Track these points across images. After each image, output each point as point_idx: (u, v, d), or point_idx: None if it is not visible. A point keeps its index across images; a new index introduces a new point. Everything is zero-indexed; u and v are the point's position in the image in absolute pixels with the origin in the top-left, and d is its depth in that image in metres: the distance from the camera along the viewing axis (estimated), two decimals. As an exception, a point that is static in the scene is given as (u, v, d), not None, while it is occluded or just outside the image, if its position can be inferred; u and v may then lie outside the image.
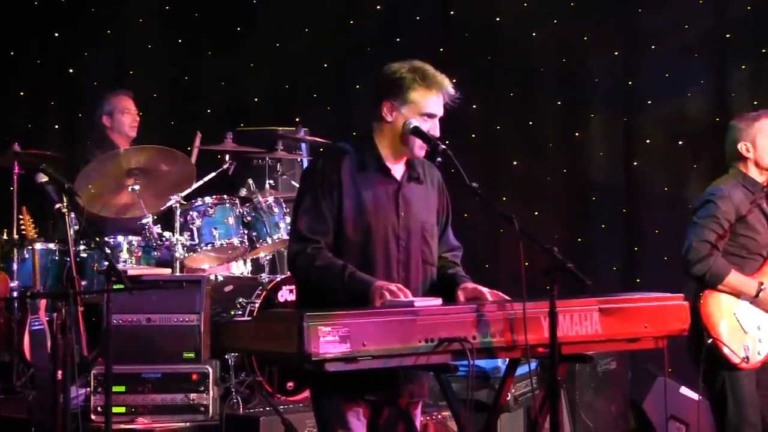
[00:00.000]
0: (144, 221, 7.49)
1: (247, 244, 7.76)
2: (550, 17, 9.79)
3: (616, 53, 9.72)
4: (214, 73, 9.73)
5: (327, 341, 4.14)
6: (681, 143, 9.60)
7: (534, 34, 9.78)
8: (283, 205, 7.80)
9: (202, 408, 6.71)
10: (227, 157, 8.14)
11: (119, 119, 8.21)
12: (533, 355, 4.59)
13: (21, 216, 7.45)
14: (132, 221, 7.67)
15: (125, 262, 7.41)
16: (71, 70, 9.66)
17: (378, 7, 9.91)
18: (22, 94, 9.59)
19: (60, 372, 5.69)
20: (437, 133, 4.75)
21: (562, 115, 9.85)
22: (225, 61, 9.73)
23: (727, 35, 9.53)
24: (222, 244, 7.65)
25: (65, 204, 6.42)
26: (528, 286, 4.45)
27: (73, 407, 5.93)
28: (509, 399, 6.76)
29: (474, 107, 9.74)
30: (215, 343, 6.84)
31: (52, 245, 7.42)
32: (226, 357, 7.04)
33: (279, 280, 7.50)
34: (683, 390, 7.94)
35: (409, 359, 4.33)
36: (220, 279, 7.70)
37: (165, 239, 7.49)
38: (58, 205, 6.68)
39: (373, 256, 4.72)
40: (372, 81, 4.91)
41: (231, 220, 7.69)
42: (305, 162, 8.75)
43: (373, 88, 4.85)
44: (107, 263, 5.83)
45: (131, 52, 9.78)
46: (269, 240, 7.80)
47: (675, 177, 9.57)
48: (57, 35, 9.60)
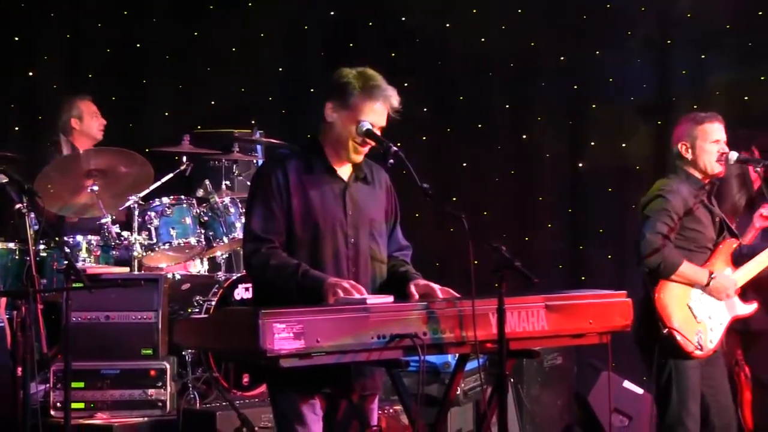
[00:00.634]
0: (103, 221, 7.52)
1: (204, 243, 7.81)
2: (498, 23, 9.87)
3: (562, 58, 9.85)
4: (171, 77, 9.73)
5: (282, 338, 4.19)
6: (624, 145, 9.76)
7: (483, 39, 9.84)
8: (239, 206, 7.82)
9: (159, 403, 6.79)
10: (184, 159, 8.17)
11: (89, 123, 8.20)
12: (482, 351, 4.64)
13: (-19, 216, 7.49)
14: (91, 221, 7.70)
15: (84, 261, 7.41)
16: (31, 73, 9.62)
17: (332, 13, 9.95)
18: (-19, 96, 9.56)
19: (20, 369, 5.68)
20: (371, 143, 4.80)
21: (509, 118, 9.96)
22: (182, 65, 9.73)
23: (668, 42, 9.72)
24: (179, 243, 7.69)
25: (25, 204, 6.42)
26: (477, 283, 4.51)
27: (33, 403, 5.90)
28: (459, 393, 6.89)
29: (425, 110, 9.85)
30: (172, 340, 6.88)
31: (12, 245, 7.35)
32: (183, 353, 7.07)
33: (235, 278, 7.55)
34: (626, 384, 8.03)
35: (362, 355, 4.40)
36: (177, 277, 7.71)
37: (123, 239, 7.50)
38: (18, 206, 6.66)
39: (322, 253, 4.79)
40: (325, 85, 4.94)
41: (188, 219, 7.73)
42: (260, 163, 8.78)
43: (321, 88, 4.94)
44: (66, 262, 5.87)
45: (90, 55, 9.74)
46: (225, 239, 7.85)
47: (618, 178, 9.70)
48: (17, 39, 9.56)
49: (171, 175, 8.10)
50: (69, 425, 5.89)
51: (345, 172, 4.90)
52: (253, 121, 8.94)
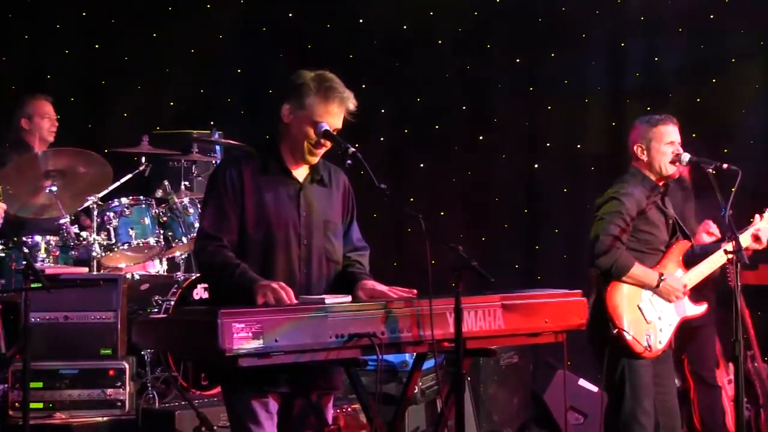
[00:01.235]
0: (61, 221, 7.50)
1: (163, 243, 7.82)
2: (455, 25, 9.95)
3: (518, 60, 9.94)
4: (130, 78, 9.70)
5: (240, 337, 4.21)
6: (579, 147, 9.87)
7: (440, 41, 9.94)
8: (198, 206, 7.80)
9: (118, 403, 6.78)
10: (143, 159, 8.17)
11: (38, 123, 8.08)
12: (439, 350, 4.68)
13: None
14: (49, 221, 7.68)
15: (43, 261, 7.39)
16: (-11, 73, 9.56)
17: (290, 15, 9.97)
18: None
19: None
20: (327, 144, 4.83)
21: (466, 120, 10.02)
22: (141, 66, 9.70)
23: (622, 44, 9.85)
24: (138, 243, 7.70)
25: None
26: (434, 283, 4.55)
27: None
28: (416, 392, 6.91)
29: (383, 111, 9.90)
30: (132, 340, 6.89)
31: (-31, 246, 7.33)
32: (142, 353, 7.07)
33: (194, 278, 7.57)
34: (582, 382, 8.13)
35: (321, 354, 4.42)
36: (136, 277, 7.71)
37: (82, 239, 7.49)
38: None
39: (274, 254, 4.81)
40: (282, 87, 4.95)
41: (147, 220, 7.73)
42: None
43: (278, 90, 4.96)
44: (25, 262, 5.91)
45: (49, 56, 9.71)
46: (184, 239, 7.87)
47: (573, 179, 9.80)
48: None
49: (130, 176, 8.08)
50: (28, 425, 5.90)
51: (301, 173, 4.92)
52: (212, 122, 8.95)
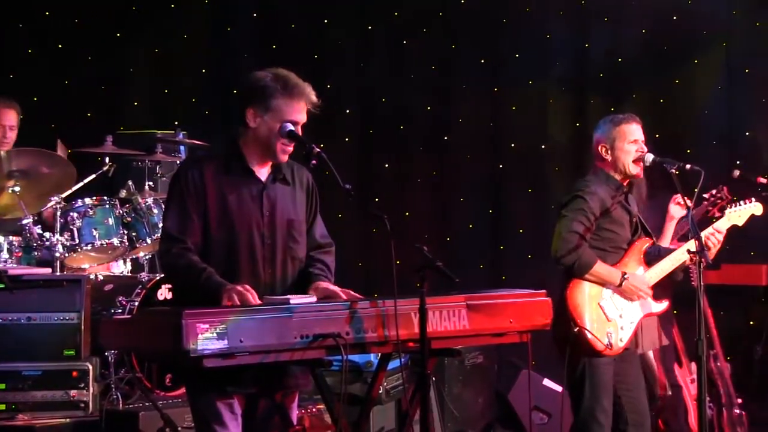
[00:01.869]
0: (24, 222, 7.45)
1: (127, 243, 7.78)
2: (420, 26, 9.98)
3: (483, 61, 9.97)
4: (94, 78, 9.64)
5: (205, 338, 4.23)
6: (543, 147, 9.92)
7: (405, 42, 9.97)
8: (162, 206, 7.67)
9: (82, 404, 6.76)
10: (107, 160, 8.14)
11: None
12: (404, 350, 4.71)
13: None
14: (12, 222, 7.64)
15: (6, 261, 7.34)
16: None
17: (254, 15, 9.95)
18: None
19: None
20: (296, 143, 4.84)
21: (431, 120, 10.04)
22: (105, 66, 9.64)
23: (586, 45, 9.90)
24: (102, 244, 7.66)
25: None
26: (399, 283, 4.56)
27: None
28: (381, 392, 6.87)
29: (348, 112, 9.91)
30: (96, 341, 6.84)
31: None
32: (106, 354, 7.04)
33: (158, 279, 7.55)
34: (546, 382, 8.18)
35: (285, 355, 4.44)
36: (100, 278, 7.69)
37: (45, 239, 7.45)
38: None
39: (238, 254, 4.82)
40: (242, 91, 4.96)
41: (111, 220, 7.70)
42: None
43: (239, 95, 4.95)
44: (-13, 263, 5.90)
45: (12, 56, 9.60)
46: (149, 240, 7.84)
47: (538, 179, 9.85)
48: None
49: (94, 176, 8.04)
50: (-10, 427, 5.86)
51: (263, 173, 4.94)
52: (176, 122, 8.91)
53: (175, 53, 9.84)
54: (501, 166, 10.01)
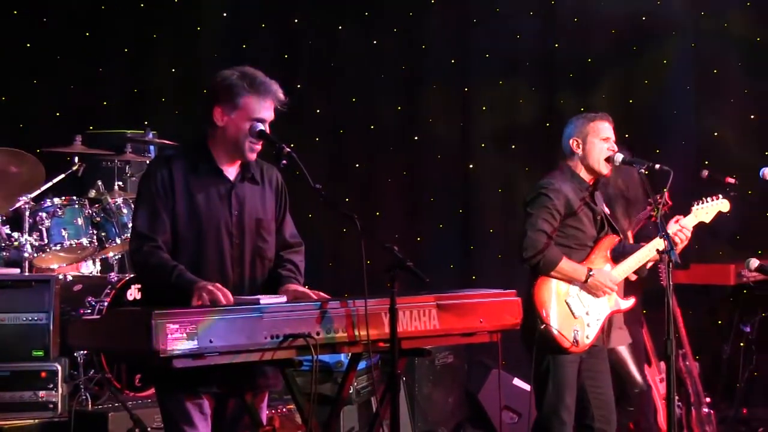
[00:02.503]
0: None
1: (96, 244, 7.77)
2: (390, 25, 9.99)
3: (452, 61, 9.99)
4: (63, 77, 9.59)
5: (175, 338, 4.22)
6: (513, 147, 9.93)
7: (375, 41, 9.97)
8: (132, 206, 7.72)
9: (50, 405, 6.73)
10: (76, 159, 8.11)
11: None
12: (375, 350, 4.72)
13: None
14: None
15: (-27, 262, 7.31)
16: None
17: (224, 14, 9.93)
18: None
19: None
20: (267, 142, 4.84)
21: (401, 119, 10.04)
22: (74, 66, 9.60)
23: (556, 45, 9.95)
24: (71, 244, 7.65)
25: None
26: (370, 283, 4.58)
27: None
28: (351, 392, 6.89)
29: (318, 111, 9.91)
30: (65, 342, 6.82)
31: None
32: (75, 355, 7.03)
33: (128, 279, 7.53)
34: (516, 381, 8.19)
35: (255, 355, 4.43)
36: (69, 278, 7.67)
37: (14, 239, 7.43)
38: None
39: (206, 253, 4.81)
40: (209, 90, 4.95)
41: (80, 220, 7.68)
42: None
43: (206, 94, 4.94)
44: (-44, 263, 5.88)
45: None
46: (118, 240, 7.83)
47: (508, 179, 9.85)
48: None
49: (63, 176, 8.02)
50: (-42, 428, 5.84)
51: (232, 172, 4.93)
52: (146, 122, 8.87)
53: (145, 53, 9.80)
54: (471, 166, 10.02)
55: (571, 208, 6.09)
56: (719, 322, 9.43)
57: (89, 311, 7.35)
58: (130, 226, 7.63)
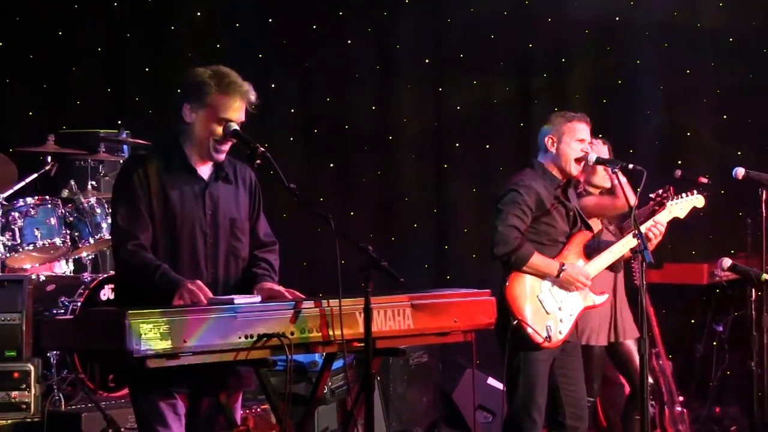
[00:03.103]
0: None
1: (70, 244, 7.74)
2: (364, 25, 9.99)
3: (426, 60, 10.00)
4: (35, 76, 9.54)
5: (148, 338, 4.20)
6: (488, 147, 9.96)
7: (350, 41, 9.96)
8: (105, 206, 7.75)
9: (23, 406, 6.72)
10: (49, 159, 8.09)
11: None
12: (349, 350, 4.71)
13: None
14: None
15: (-54, 262, 7.29)
16: None
17: (198, 14, 9.89)
18: None
19: None
20: (232, 140, 4.82)
21: (375, 119, 10.03)
22: (47, 64, 9.54)
23: (530, 45, 9.97)
24: (44, 244, 7.62)
25: None
26: (344, 283, 4.58)
27: None
28: (326, 392, 6.91)
29: (292, 111, 9.89)
30: (37, 342, 6.82)
31: None
32: (48, 355, 7.02)
33: (101, 279, 7.52)
34: (490, 381, 8.17)
35: (229, 355, 4.42)
36: (42, 278, 7.64)
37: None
38: None
39: (180, 253, 4.80)
40: (181, 87, 4.95)
41: (53, 220, 7.66)
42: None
43: (179, 90, 4.92)
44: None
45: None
46: (91, 240, 7.79)
47: (482, 179, 9.87)
48: None
49: (35, 175, 8.00)
50: (-70, 429, 5.83)
51: (205, 171, 4.91)
52: (119, 121, 8.86)
53: (118, 52, 9.74)
54: (445, 165, 10.04)
55: (543, 204, 6.09)
56: (692, 321, 9.48)
57: (62, 311, 7.32)
58: (103, 226, 7.68)
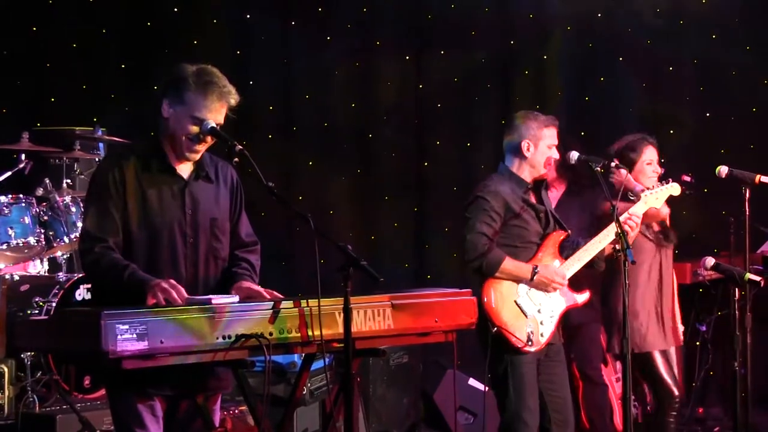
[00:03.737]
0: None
1: (44, 243, 7.69)
2: (343, 22, 9.96)
3: (407, 57, 9.97)
4: (9, 74, 9.45)
5: (125, 339, 4.18)
6: (469, 145, 9.94)
7: (328, 38, 9.92)
8: (81, 205, 7.73)
9: (-4, 408, 6.66)
10: (23, 157, 8.05)
11: None
12: (328, 350, 4.72)
13: None
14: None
15: None
16: None
17: (175, 9, 9.83)
18: None
19: None
20: (208, 141, 4.77)
21: (355, 117, 10.02)
22: (21, 61, 9.49)
23: (512, 42, 9.95)
24: (18, 243, 7.56)
25: None
26: (323, 282, 4.56)
27: None
28: (305, 393, 6.93)
29: (271, 108, 9.85)
30: (11, 343, 6.80)
31: None
32: (22, 356, 6.98)
33: (76, 278, 7.48)
34: (471, 381, 8.14)
35: (207, 356, 4.40)
36: (16, 278, 7.59)
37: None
38: None
39: (159, 253, 4.76)
40: (163, 81, 4.90)
41: (27, 219, 7.60)
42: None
43: (160, 85, 4.87)
44: None
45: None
46: (66, 239, 7.75)
47: (463, 178, 9.77)
48: None
49: (9, 174, 7.95)
50: None
51: (185, 170, 4.86)
52: (95, 119, 8.79)
53: (94, 48, 9.69)
54: (426, 164, 10.02)
55: (511, 208, 6.08)
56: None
57: (37, 312, 7.28)
58: (78, 225, 7.67)
